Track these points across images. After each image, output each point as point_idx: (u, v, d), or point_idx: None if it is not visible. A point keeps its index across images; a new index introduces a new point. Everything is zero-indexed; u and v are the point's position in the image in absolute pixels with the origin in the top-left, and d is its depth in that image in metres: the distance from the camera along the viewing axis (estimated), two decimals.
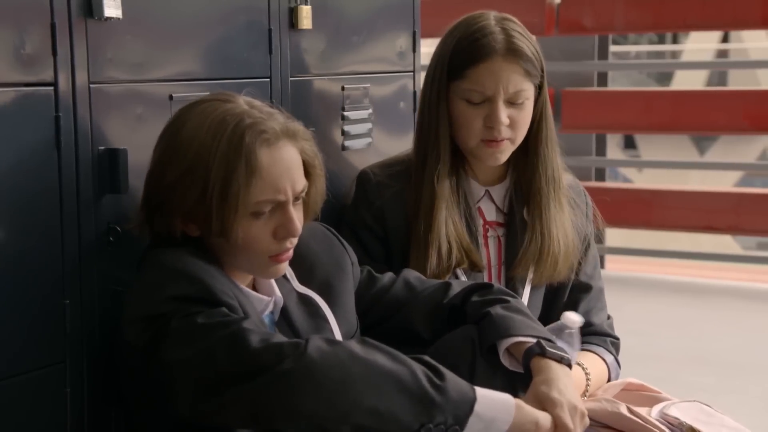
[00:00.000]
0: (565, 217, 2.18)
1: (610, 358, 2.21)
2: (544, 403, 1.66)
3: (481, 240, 2.17)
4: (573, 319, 1.98)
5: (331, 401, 1.50)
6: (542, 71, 2.14)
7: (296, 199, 1.72)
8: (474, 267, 2.13)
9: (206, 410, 1.56)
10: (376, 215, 2.16)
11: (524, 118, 2.12)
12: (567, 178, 2.25)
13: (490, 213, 2.20)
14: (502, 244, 2.19)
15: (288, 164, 1.70)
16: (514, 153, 2.16)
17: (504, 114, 2.08)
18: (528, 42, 2.11)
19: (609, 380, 2.18)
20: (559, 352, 1.75)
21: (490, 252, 2.18)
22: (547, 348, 1.74)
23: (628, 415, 1.87)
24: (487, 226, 2.19)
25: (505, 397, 1.60)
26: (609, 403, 1.91)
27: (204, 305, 1.60)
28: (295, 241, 1.74)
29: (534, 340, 1.76)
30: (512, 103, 2.09)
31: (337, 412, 1.51)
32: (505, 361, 1.80)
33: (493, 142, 2.10)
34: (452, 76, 2.11)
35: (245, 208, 1.66)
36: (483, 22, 2.12)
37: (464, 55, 2.10)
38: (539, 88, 2.15)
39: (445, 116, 2.13)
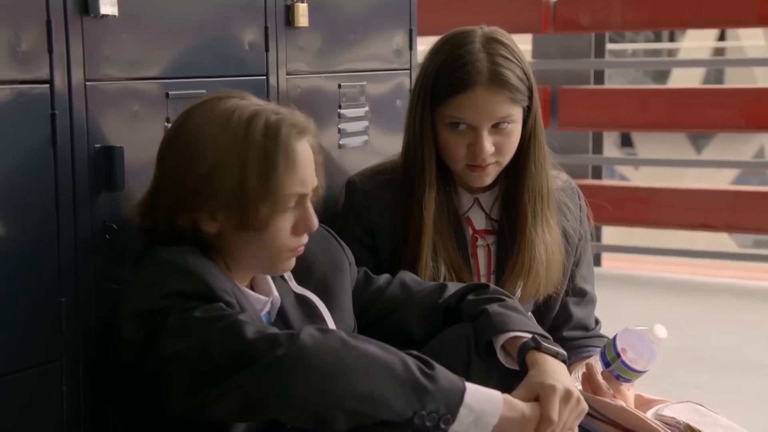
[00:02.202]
0: (550, 237, 2.13)
1: None
2: (537, 389, 1.66)
3: (470, 250, 2.15)
4: (663, 331, 1.90)
5: (324, 387, 1.51)
6: (531, 91, 2.07)
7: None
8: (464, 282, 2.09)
9: (201, 403, 1.56)
10: (365, 227, 2.14)
11: (511, 143, 2.07)
12: (561, 178, 2.23)
13: (479, 221, 2.16)
14: (492, 253, 2.16)
15: (311, 158, 1.73)
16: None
17: (488, 142, 2.03)
18: (515, 65, 2.04)
19: None
20: (554, 347, 1.74)
21: (479, 262, 2.15)
22: (543, 343, 1.74)
23: (629, 408, 1.88)
24: (476, 236, 2.16)
25: (494, 392, 1.61)
26: (610, 397, 1.92)
27: (202, 301, 1.60)
28: (307, 236, 1.75)
29: (530, 336, 1.76)
30: (498, 128, 2.04)
31: (330, 398, 1.51)
32: (501, 357, 1.80)
33: (478, 167, 2.06)
34: (435, 101, 2.06)
35: (282, 201, 1.67)
36: (468, 45, 2.04)
37: (447, 82, 2.03)
38: (529, 108, 2.08)
39: (430, 139, 2.07)
